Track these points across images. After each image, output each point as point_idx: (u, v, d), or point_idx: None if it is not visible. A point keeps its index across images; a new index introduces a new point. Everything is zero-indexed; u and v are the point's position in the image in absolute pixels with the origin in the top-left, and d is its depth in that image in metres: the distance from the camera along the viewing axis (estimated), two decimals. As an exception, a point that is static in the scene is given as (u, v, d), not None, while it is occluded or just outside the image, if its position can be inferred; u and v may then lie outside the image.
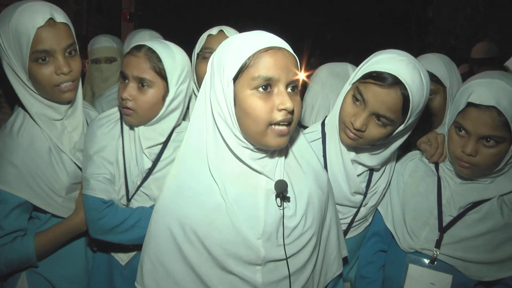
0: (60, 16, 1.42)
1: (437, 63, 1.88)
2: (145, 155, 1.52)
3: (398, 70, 1.30)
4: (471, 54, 4.25)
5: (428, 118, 1.86)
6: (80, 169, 1.57)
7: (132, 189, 1.53)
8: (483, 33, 6.76)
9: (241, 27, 1.90)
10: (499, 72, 1.47)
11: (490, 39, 6.17)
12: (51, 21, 1.39)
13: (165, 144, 1.54)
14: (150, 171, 1.51)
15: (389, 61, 1.34)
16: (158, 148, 1.53)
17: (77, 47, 1.49)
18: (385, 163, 1.55)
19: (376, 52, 1.42)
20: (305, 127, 1.75)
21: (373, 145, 1.45)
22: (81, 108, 1.61)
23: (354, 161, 1.50)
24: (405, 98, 1.30)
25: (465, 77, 2.34)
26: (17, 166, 1.44)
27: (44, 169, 1.48)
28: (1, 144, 1.48)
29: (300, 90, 1.18)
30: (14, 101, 1.57)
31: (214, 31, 1.90)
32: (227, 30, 1.89)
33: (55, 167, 1.51)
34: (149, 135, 1.52)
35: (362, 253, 1.71)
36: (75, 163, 1.57)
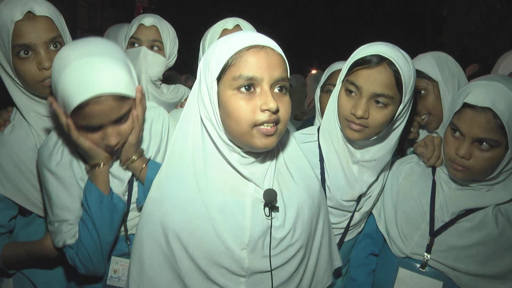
0: (41, 9, 1.38)
1: (424, 58, 1.84)
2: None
3: (379, 50, 1.35)
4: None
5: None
6: None
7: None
8: (497, 33, 6.60)
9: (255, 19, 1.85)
10: (502, 75, 1.42)
11: (505, 39, 6.04)
12: (30, 15, 1.35)
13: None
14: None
15: (367, 47, 1.40)
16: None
17: (65, 39, 1.45)
18: (381, 168, 1.52)
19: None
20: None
21: (377, 137, 1.43)
22: None
23: (359, 164, 1.48)
24: (396, 72, 1.33)
25: (474, 76, 2.27)
26: (0, 163, 1.43)
27: (28, 167, 1.47)
28: None
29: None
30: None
31: (229, 25, 1.78)
32: (244, 25, 1.78)
33: None
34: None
35: (353, 255, 1.68)
36: None
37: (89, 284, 1.47)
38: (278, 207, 1.15)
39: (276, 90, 1.07)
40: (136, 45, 1.89)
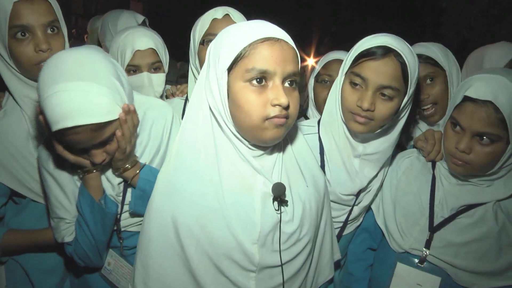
0: None
1: (432, 47, 1.81)
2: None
3: (385, 41, 1.32)
4: None
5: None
6: None
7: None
8: (498, 26, 6.55)
9: (247, 11, 1.82)
10: (504, 68, 1.39)
11: (506, 32, 5.99)
12: None
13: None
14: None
15: (372, 38, 1.36)
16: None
17: (61, 25, 1.43)
18: (383, 163, 1.50)
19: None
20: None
21: (381, 130, 1.41)
22: None
23: (360, 158, 1.46)
24: (402, 64, 1.31)
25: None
26: None
27: (20, 152, 1.46)
28: None
29: None
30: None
31: (218, 14, 1.76)
32: (233, 14, 1.77)
33: (31, 151, 1.47)
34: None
35: (351, 249, 1.67)
36: None
37: (88, 273, 1.49)
38: (287, 201, 1.13)
39: (286, 84, 1.05)
40: (136, 71, 1.83)
